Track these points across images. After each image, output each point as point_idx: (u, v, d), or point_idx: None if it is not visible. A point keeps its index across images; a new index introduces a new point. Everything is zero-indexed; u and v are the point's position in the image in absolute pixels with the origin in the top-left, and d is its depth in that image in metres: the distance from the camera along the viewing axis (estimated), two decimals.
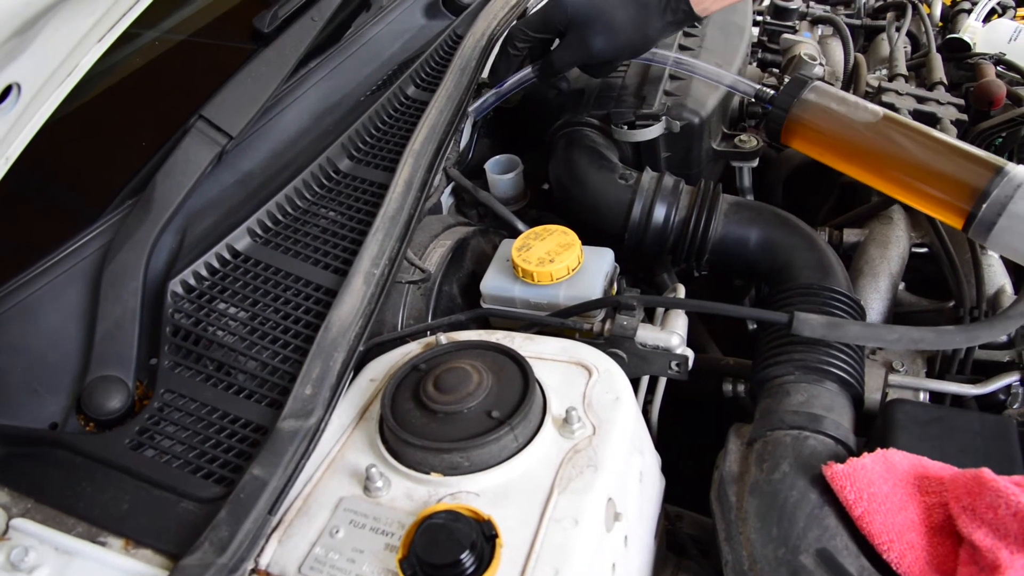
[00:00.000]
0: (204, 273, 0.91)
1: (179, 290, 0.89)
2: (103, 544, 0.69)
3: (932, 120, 1.28)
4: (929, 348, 0.95)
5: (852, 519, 0.71)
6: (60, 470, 0.75)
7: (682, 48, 1.32)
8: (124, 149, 1.05)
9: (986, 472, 0.67)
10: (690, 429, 1.06)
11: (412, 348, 0.86)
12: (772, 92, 1.09)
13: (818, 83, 1.07)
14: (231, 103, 0.97)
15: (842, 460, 0.74)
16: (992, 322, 0.83)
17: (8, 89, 0.69)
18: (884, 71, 1.60)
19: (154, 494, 0.72)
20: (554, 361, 0.80)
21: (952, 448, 0.77)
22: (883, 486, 0.71)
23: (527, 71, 1.18)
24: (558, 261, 0.94)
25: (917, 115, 1.28)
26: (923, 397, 0.95)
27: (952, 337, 0.84)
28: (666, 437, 0.99)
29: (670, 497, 0.89)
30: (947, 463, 0.73)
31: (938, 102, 1.31)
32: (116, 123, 1.08)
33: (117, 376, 0.81)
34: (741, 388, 1.04)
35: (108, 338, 0.83)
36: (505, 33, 1.19)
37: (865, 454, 0.74)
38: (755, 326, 1.14)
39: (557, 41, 1.14)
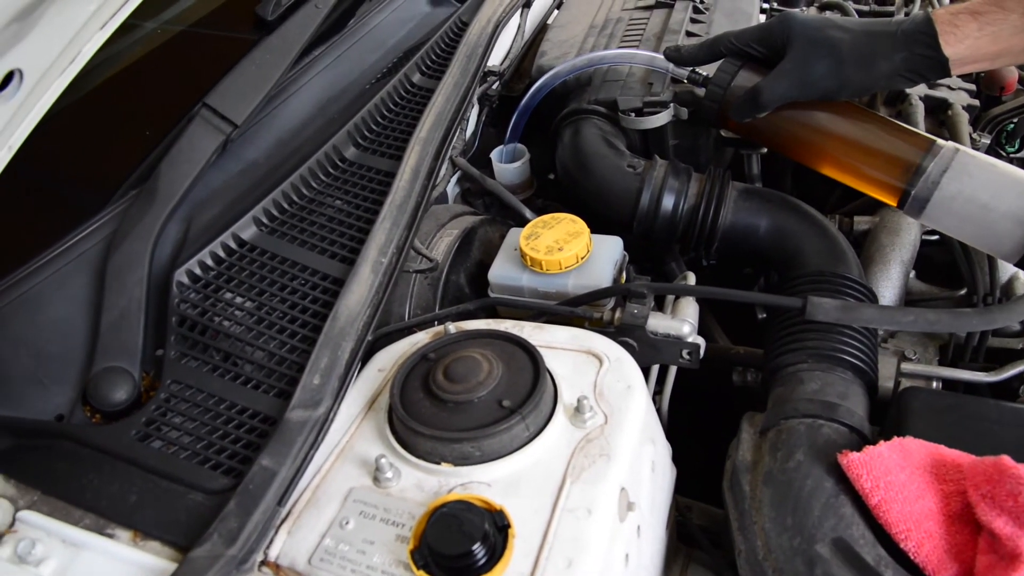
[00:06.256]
0: (210, 263, 0.90)
1: (185, 280, 0.88)
2: (111, 536, 0.68)
3: (943, 106, 1.26)
4: (945, 330, 0.94)
5: (869, 508, 0.70)
6: (67, 462, 0.74)
7: (689, 35, 1.30)
8: (128, 138, 1.04)
9: (1006, 459, 0.66)
10: (697, 419, 1.05)
11: (420, 338, 0.85)
12: (705, 74, 1.08)
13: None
14: (235, 91, 0.97)
15: (857, 448, 0.73)
16: (1010, 306, 0.81)
17: (10, 75, 0.68)
18: None
19: (162, 486, 0.72)
20: (564, 350, 0.79)
21: (969, 436, 0.75)
22: (900, 474, 0.70)
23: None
24: (567, 249, 0.92)
25: (928, 100, 1.26)
26: (936, 385, 0.94)
27: (969, 320, 0.83)
28: (674, 427, 0.98)
29: (678, 488, 0.88)
30: (964, 451, 0.72)
31: (949, 88, 1.30)
32: (120, 112, 1.08)
33: (123, 367, 0.81)
34: (751, 377, 1.03)
35: (113, 329, 0.82)
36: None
37: (881, 442, 0.73)
38: (764, 315, 1.13)
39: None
